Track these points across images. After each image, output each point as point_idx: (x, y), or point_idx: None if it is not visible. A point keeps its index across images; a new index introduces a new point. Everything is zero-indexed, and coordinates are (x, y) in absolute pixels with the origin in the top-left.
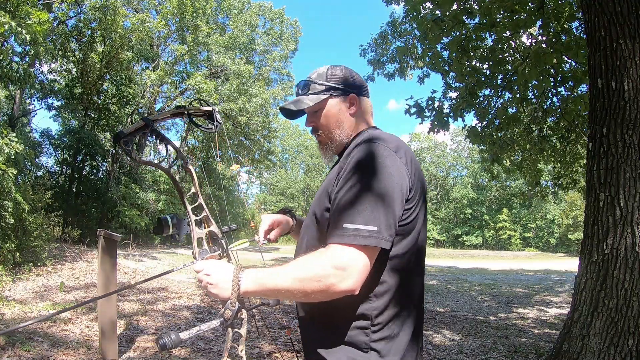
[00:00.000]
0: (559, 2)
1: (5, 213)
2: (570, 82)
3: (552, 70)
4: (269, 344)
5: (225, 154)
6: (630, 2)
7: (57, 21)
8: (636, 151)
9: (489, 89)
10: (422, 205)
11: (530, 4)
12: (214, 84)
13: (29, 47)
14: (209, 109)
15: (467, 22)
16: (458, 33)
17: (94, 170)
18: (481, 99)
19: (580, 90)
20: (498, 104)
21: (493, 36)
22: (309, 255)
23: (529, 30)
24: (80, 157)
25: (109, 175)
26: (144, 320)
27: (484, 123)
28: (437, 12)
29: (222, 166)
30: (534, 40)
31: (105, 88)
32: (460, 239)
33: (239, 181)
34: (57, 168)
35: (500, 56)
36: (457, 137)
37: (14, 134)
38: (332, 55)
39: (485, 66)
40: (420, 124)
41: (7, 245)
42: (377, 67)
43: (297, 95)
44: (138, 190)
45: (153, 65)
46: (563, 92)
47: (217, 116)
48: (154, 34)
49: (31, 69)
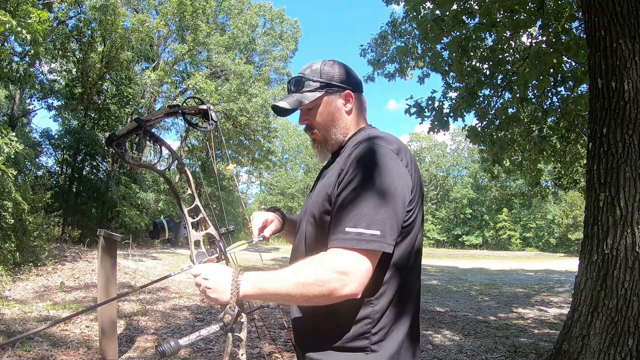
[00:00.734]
0: (559, 2)
1: (5, 213)
2: (570, 82)
3: (552, 70)
4: (269, 344)
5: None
6: (630, 2)
7: (57, 21)
8: (636, 151)
9: (489, 89)
10: (420, 207)
11: (530, 4)
12: (214, 84)
13: (29, 47)
14: (204, 107)
15: (467, 22)
16: (458, 33)
17: (94, 170)
18: (481, 99)
19: (580, 90)
20: (498, 104)
21: (493, 36)
22: (310, 259)
23: (529, 30)
24: (80, 157)
25: (109, 175)
26: (144, 320)
27: (484, 123)
28: (437, 12)
29: (222, 165)
30: (534, 40)
31: (105, 88)
32: (460, 239)
33: (236, 183)
34: (57, 168)
35: (500, 56)
36: (457, 137)
37: (14, 134)
38: (332, 55)
39: (485, 66)
40: (420, 123)
41: (7, 245)
42: (377, 67)
43: (289, 92)
44: (138, 190)
45: (153, 65)
46: (563, 92)
47: (212, 114)
48: (154, 34)
49: (31, 69)
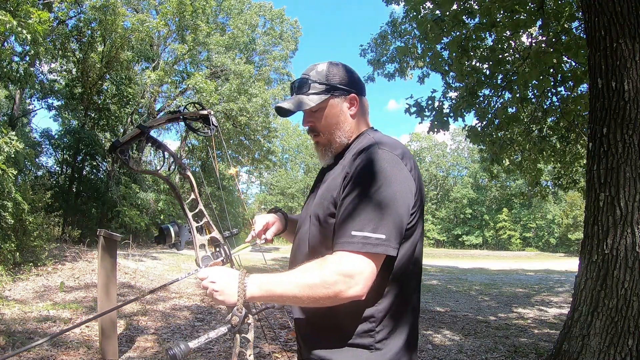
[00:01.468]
0: (559, 2)
1: (5, 214)
2: (570, 82)
3: (552, 70)
4: (269, 344)
5: (224, 155)
6: (630, 2)
7: (57, 21)
8: (636, 151)
9: (489, 89)
10: (421, 211)
11: (530, 4)
12: (214, 84)
13: (29, 47)
14: (205, 112)
15: (467, 22)
16: (458, 33)
17: (94, 170)
18: (481, 98)
19: (580, 90)
20: (498, 103)
21: (493, 36)
22: (316, 261)
23: (529, 30)
24: (80, 157)
25: (109, 175)
26: (144, 320)
27: (484, 123)
28: (437, 12)
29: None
30: (534, 40)
31: (105, 88)
32: (460, 239)
33: (237, 183)
34: (57, 168)
35: (500, 56)
36: (457, 137)
37: (14, 133)
38: (332, 55)
39: (485, 66)
40: (420, 123)
41: (7, 245)
42: (377, 67)
43: (292, 93)
44: (138, 190)
45: (153, 65)
46: (563, 92)
47: (213, 119)
48: (154, 33)
49: (31, 69)
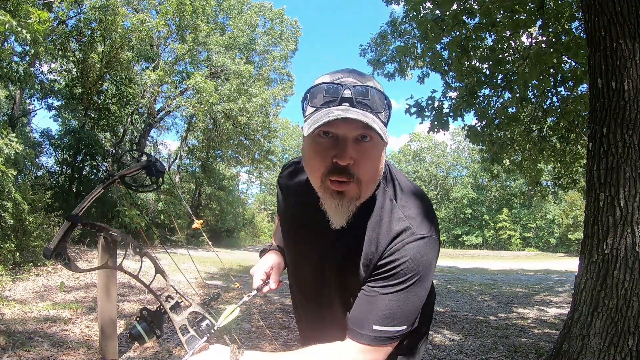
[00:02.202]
0: (559, 2)
1: (5, 214)
2: (570, 82)
3: (552, 70)
4: (269, 344)
5: (224, 155)
6: (630, 2)
7: (57, 21)
8: (636, 151)
9: (488, 89)
10: None
11: (530, 4)
12: (214, 84)
13: (29, 47)
14: (144, 163)
15: (467, 22)
16: (458, 33)
17: (94, 170)
18: (481, 98)
19: (580, 90)
20: (498, 103)
21: (493, 36)
22: (322, 351)
23: (529, 30)
24: (80, 157)
25: (109, 175)
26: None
27: (484, 123)
28: (437, 11)
29: (222, 166)
30: (534, 40)
31: (105, 88)
32: (460, 239)
33: (203, 233)
34: (57, 168)
35: (500, 56)
36: (457, 137)
37: (14, 134)
38: (332, 55)
39: (485, 66)
40: (420, 123)
41: (7, 245)
42: (377, 67)
43: (353, 104)
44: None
45: (153, 65)
46: (563, 92)
47: (158, 165)
48: (154, 33)
49: (31, 69)
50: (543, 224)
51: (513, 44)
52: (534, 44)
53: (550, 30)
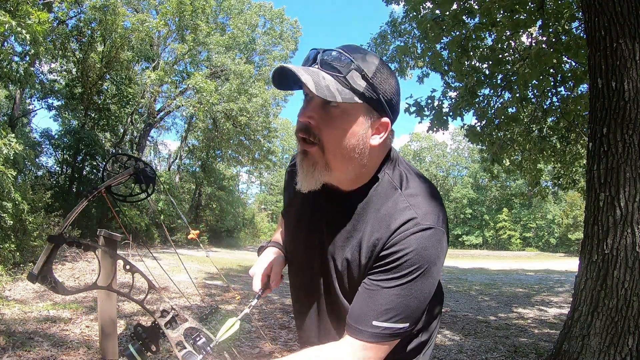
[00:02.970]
0: (559, 2)
1: (4, 215)
2: (570, 82)
3: (552, 70)
4: (269, 344)
5: (223, 155)
6: (630, 2)
7: (57, 21)
8: (636, 151)
9: (488, 89)
10: None
11: (530, 4)
12: (214, 84)
13: (29, 47)
14: (131, 170)
15: (467, 21)
16: (458, 33)
17: (94, 170)
18: (481, 98)
19: (580, 90)
20: (498, 103)
21: (493, 36)
22: (321, 352)
23: (529, 30)
24: (80, 157)
25: (109, 175)
26: (144, 320)
27: (484, 122)
28: (437, 11)
29: (222, 166)
30: (534, 40)
31: (105, 88)
32: (460, 239)
33: (199, 242)
34: (57, 168)
35: (500, 56)
36: (457, 137)
37: (13, 135)
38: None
39: (485, 66)
40: (419, 122)
41: (7, 245)
42: None
43: (315, 63)
44: (138, 190)
45: (153, 65)
46: (563, 92)
47: (147, 170)
48: (154, 33)
49: (31, 69)
50: (543, 224)
51: (513, 44)
52: (534, 44)
53: (550, 30)
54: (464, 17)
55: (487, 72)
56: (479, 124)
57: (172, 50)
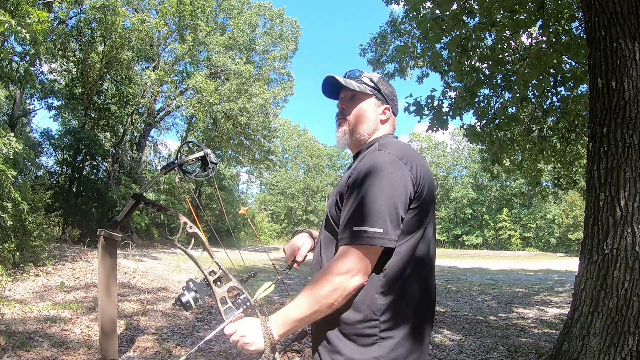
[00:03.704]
0: (559, 2)
1: (4, 215)
2: (570, 82)
3: (552, 70)
4: None
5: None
6: (630, 2)
7: (57, 21)
8: (636, 151)
9: (488, 89)
10: (428, 210)
11: (530, 4)
12: (214, 84)
13: (29, 47)
14: (201, 153)
15: (467, 21)
16: (458, 32)
17: (94, 170)
18: (480, 98)
19: (580, 90)
20: (498, 103)
21: (493, 36)
22: (320, 272)
23: (529, 30)
24: (80, 157)
25: (109, 175)
26: (144, 320)
27: (483, 122)
28: (437, 11)
29: (222, 165)
30: (534, 40)
31: (106, 88)
32: (460, 239)
33: (249, 220)
34: (57, 168)
35: (500, 56)
36: (457, 137)
37: (12, 134)
38: (332, 55)
39: (485, 66)
40: (419, 122)
41: (7, 245)
42: (376, 66)
43: (345, 76)
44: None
45: (153, 65)
46: (563, 92)
47: (212, 157)
48: (154, 33)
49: (31, 69)
50: (543, 224)
51: (513, 44)
52: (534, 44)
53: (550, 30)
54: (464, 17)
55: (487, 72)
56: (478, 124)
57: (172, 50)
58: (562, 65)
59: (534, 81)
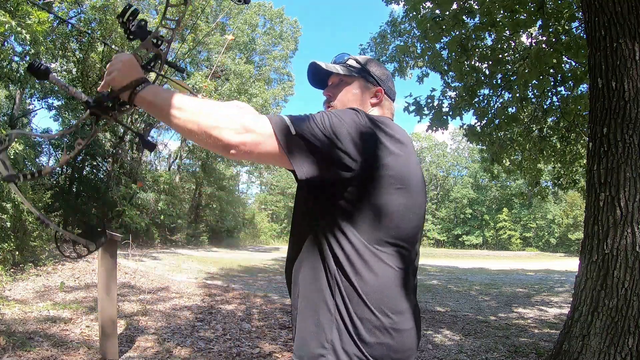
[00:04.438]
0: (559, 2)
1: (4, 215)
2: (570, 82)
3: (552, 70)
4: (269, 344)
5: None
6: (630, 2)
7: (57, 21)
8: (636, 151)
9: (488, 89)
10: (394, 189)
11: (530, 4)
12: (214, 83)
13: (29, 47)
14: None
15: (467, 21)
16: (458, 32)
17: (94, 170)
18: (480, 98)
19: (580, 90)
20: (498, 103)
21: (493, 36)
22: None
23: (529, 30)
24: (80, 157)
25: (109, 175)
26: (144, 320)
27: (483, 122)
28: (437, 11)
29: (222, 165)
30: (534, 40)
31: None
32: (460, 239)
33: (227, 41)
34: (57, 168)
35: (500, 56)
36: (457, 137)
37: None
38: (332, 55)
39: (485, 66)
40: (418, 122)
41: (7, 245)
42: None
43: (332, 62)
44: (138, 190)
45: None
46: (563, 92)
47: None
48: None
49: None
50: (543, 224)
51: (513, 44)
52: (534, 44)
53: (550, 30)
54: (463, 17)
55: (487, 72)
56: (478, 123)
57: (172, 50)
58: (562, 65)
59: (534, 81)
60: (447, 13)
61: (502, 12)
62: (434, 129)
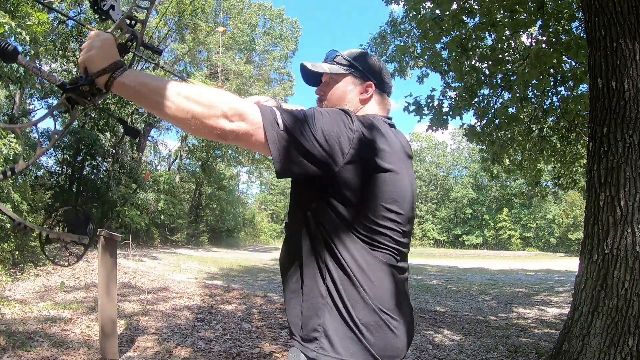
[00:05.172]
0: (559, 2)
1: (4, 215)
2: (570, 82)
3: (552, 70)
4: (269, 344)
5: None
6: (630, 2)
7: (57, 21)
8: (636, 151)
9: (488, 89)
10: (380, 183)
11: (530, 4)
12: (214, 83)
13: (29, 47)
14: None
15: (467, 21)
16: (458, 32)
17: (94, 170)
18: (480, 98)
19: (580, 90)
20: (498, 103)
21: (493, 36)
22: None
23: (529, 30)
24: (80, 157)
25: (109, 175)
26: (144, 320)
27: (483, 122)
28: (437, 11)
29: (222, 166)
30: (534, 40)
31: None
32: (460, 239)
33: (220, 40)
34: (57, 168)
35: (500, 56)
36: (457, 137)
37: (13, 135)
38: None
39: (485, 66)
40: (418, 121)
41: (7, 245)
42: None
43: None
44: (138, 191)
45: (153, 65)
46: (563, 92)
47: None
48: (154, 33)
49: None
50: (543, 224)
51: (513, 43)
52: (534, 44)
53: (550, 30)
54: (463, 17)
55: (487, 72)
56: (478, 123)
57: (172, 50)
58: (562, 65)
59: (534, 81)
60: (447, 13)
61: (502, 12)
62: (434, 128)
